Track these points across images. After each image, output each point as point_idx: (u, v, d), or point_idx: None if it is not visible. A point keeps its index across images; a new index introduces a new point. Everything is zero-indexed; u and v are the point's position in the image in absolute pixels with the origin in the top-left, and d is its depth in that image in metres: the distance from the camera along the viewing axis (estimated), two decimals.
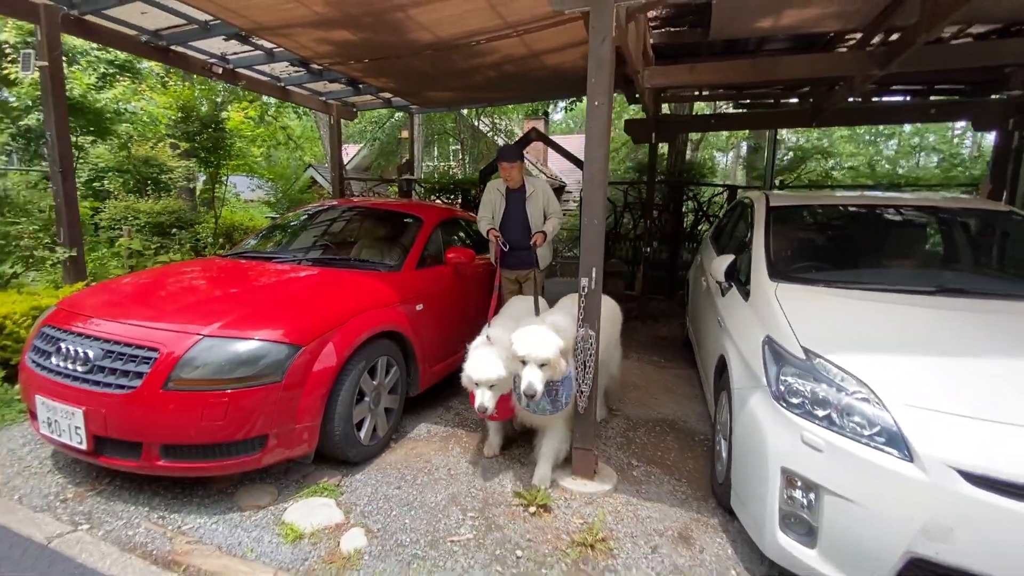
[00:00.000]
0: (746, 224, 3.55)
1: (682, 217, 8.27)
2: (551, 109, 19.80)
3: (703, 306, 3.88)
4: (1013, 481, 1.53)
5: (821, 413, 1.88)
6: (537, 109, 18.04)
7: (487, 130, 14.43)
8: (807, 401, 1.93)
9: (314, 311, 2.74)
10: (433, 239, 3.90)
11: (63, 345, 2.49)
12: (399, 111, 8.81)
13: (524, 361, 2.49)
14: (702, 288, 4.05)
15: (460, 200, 8.61)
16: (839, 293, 2.49)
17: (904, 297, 2.40)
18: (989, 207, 3.30)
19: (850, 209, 3.47)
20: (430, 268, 3.73)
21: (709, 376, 3.17)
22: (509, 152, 3.94)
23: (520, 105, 14.55)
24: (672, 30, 4.59)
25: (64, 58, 4.36)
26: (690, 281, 5.21)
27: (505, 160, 3.87)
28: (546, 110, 19.27)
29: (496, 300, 3.43)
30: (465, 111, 13.12)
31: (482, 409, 2.55)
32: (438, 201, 8.69)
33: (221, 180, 7.91)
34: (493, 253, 3.93)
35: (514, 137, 14.40)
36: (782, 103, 6.64)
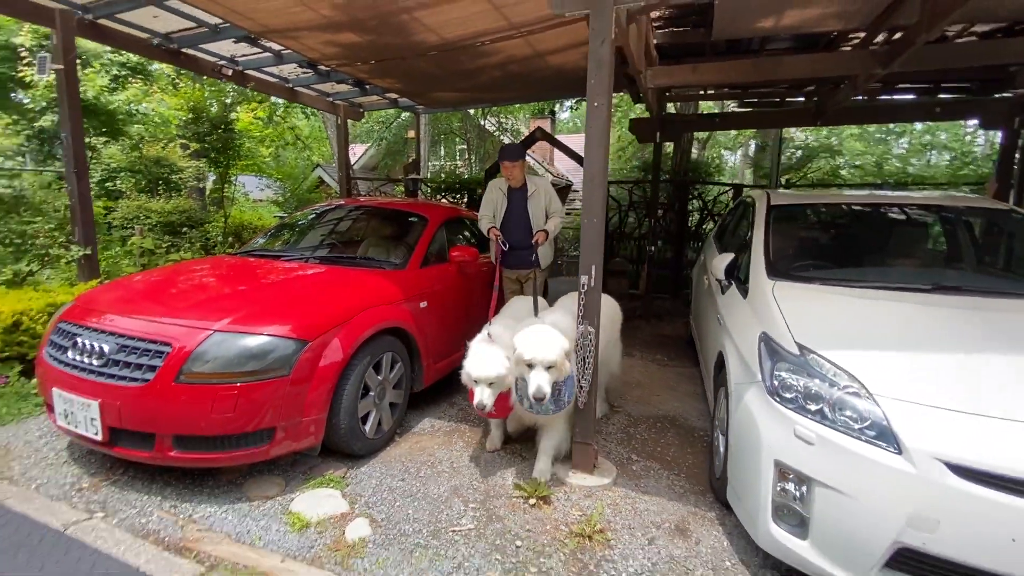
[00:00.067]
0: (747, 223, 3.56)
1: (687, 216, 8.28)
2: (558, 108, 19.74)
3: (705, 304, 3.91)
4: (998, 473, 1.57)
5: (813, 407, 1.92)
6: (543, 108, 18.02)
7: (493, 129, 14.46)
8: (800, 396, 1.97)
9: (321, 308, 2.81)
10: (437, 238, 3.96)
11: (79, 340, 2.58)
12: (405, 111, 8.88)
13: (530, 364, 2.48)
14: (704, 287, 4.08)
15: (466, 199, 8.65)
16: (836, 291, 2.52)
17: (900, 295, 2.43)
18: (989, 205, 3.31)
19: (850, 208, 3.49)
20: (434, 266, 3.79)
21: (709, 373, 3.20)
22: (511, 151, 3.94)
23: (527, 104, 14.55)
24: (675, 30, 4.62)
25: (78, 61, 4.45)
26: (694, 280, 5.23)
27: (507, 159, 3.87)
28: (553, 109, 19.21)
29: (496, 299, 3.44)
30: (471, 111, 13.16)
31: (481, 406, 2.56)
32: (444, 200, 8.75)
33: (230, 180, 8.03)
34: (493, 252, 3.95)
35: (520, 136, 14.43)
36: (787, 102, 6.64)
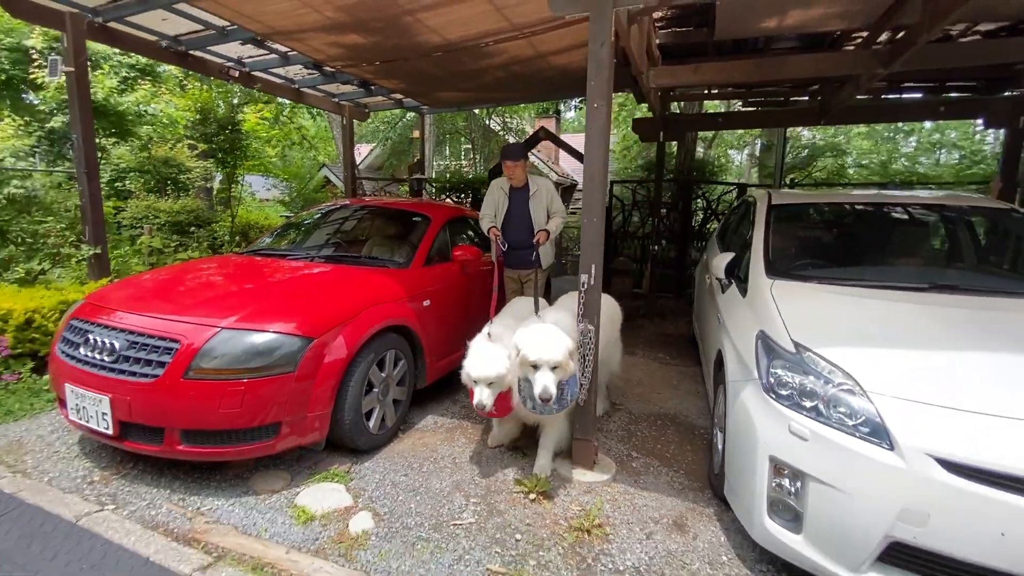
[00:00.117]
0: (749, 222, 3.58)
1: (691, 215, 8.29)
2: (563, 107, 19.77)
3: (706, 303, 3.93)
4: (987, 468, 1.59)
5: (808, 404, 1.95)
6: (548, 108, 18.06)
7: (498, 129, 14.49)
8: (795, 393, 2.00)
9: (325, 306, 2.86)
10: (440, 237, 4.00)
11: (91, 336, 2.64)
12: (410, 111, 8.93)
13: (535, 366, 2.44)
14: (706, 286, 4.10)
15: (470, 199, 8.70)
16: (834, 290, 2.55)
17: (897, 294, 2.45)
18: (989, 205, 3.31)
19: (850, 208, 3.50)
20: (437, 265, 3.84)
21: (709, 371, 3.23)
22: (513, 150, 3.93)
23: (531, 104, 14.57)
24: (678, 30, 4.64)
25: (88, 63, 4.53)
26: (696, 279, 5.25)
27: (509, 158, 3.86)
28: (558, 108, 19.24)
29: (496, 298, 3.42)
30: (476, 110, 13.20)
31: (480, 406, 2.55)
32: (449, 200, 8.80)
33: (237, 180, 8.11)
34: (493, 251, 3.93)
35: (525, 135, 14.45)
36: (792, 101, 6.63)
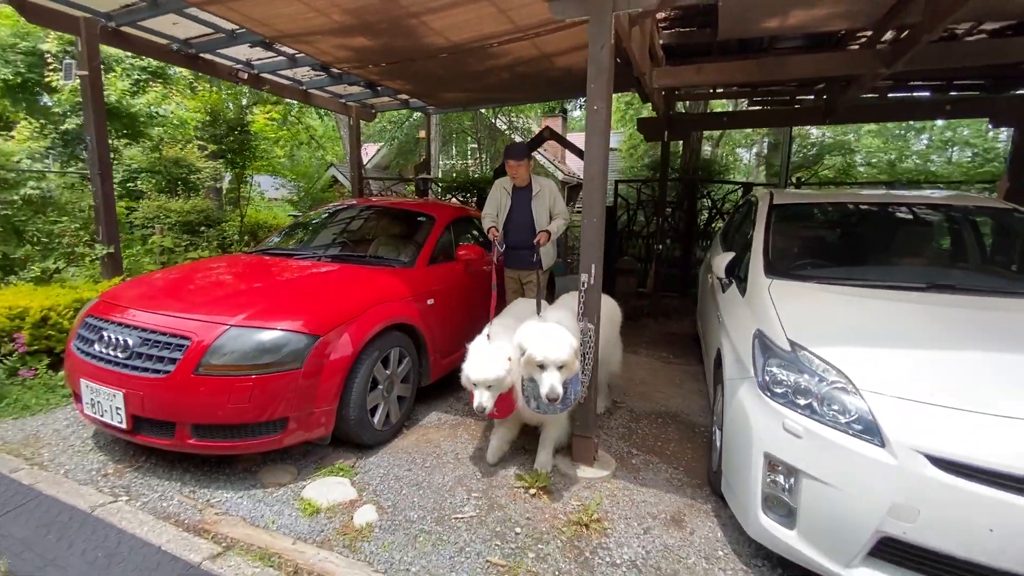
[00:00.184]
0: (751, 222, 3.60)
1: (696, 215, 8.29)
2: (570, 106, 19.72)
3: (709, 302, 3.96)
4: (975, 465, 1.62)
5: (802, 402, 1.98)
6: (555, 107, 18.03)
7: (504, 128, 14.53)
8: (790, 391, 2.03)
9: (331, 304, 2.93)
10: (444, 237, 4.06)
11: (105, 333, 2.72)
12: (416, 111, 9.00)
13: (542, 365, 2.43)
14: (709, 285, 4.12)
15: (475, 199, 8.76)
16: (831, 290, 2.57)
17: (895, 293, 2.47)
18: (991, 205, 3.30)
19: (850, 207, 3.51)
20: (441, 264, 3.90)
21: (710, 369, 3.26)
22: (516, 150, 3.93)
23: (538, 103, 14.57)
24: (682, 30, 4.65)
25: (101, 66, 4.63)
26: (700, 278, 5.27)
27: (512, 158, 3.86)
28: (564, 107, 19.19)
29: (495, 299, 3.29)
30: (482, 110, 13.24)
31: (480, 409, 2.52)
32: (454, 200, 8.85)
33: (246, 180, 8.24)
34: (494, 252, 3.81)
35: (531, 134, 14.47)
36: (798, 99, 6.62)
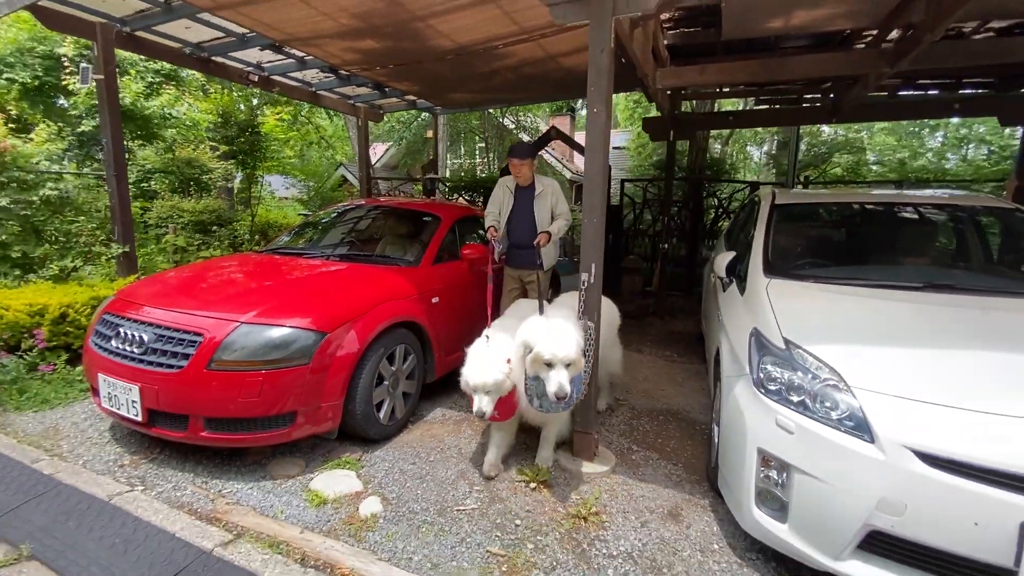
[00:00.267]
0: (753, 221, 3.63)
1: (702, 214, 8.29)
2: (578, 105, 19.67)
3: (711, 301, 3.99)
4: (961, 460, 1.65)
5: (795, 398, 2.02)
6: (562, 106, 18.04)
7: (512, 127, 14.57)
8: (783, 388, 2.07)
9: (339, 302, 3.01)
10: (450, 236, 4.14)
11: (122, 330, 2.83)
12: (424, 112, 9.08)
13: (549, 363, 2.38)
14: (711, 284, 4.15)
15: (482, 199, 8.83)
16: (829, 289, 2.60)
17: (892, 293, 2.49)
18: (993, 204, 3.30)
19: (851, 207, 3.52)
20: (446, 263, 3.97)
21: (711, 367, 3.30)
22: (520, 149, 3.91)
23: (546, 102, 14.60)
24: (686, 31, 4.68)
25: (116, 69, 4.76)
26: (705, 277, 5.29)
27: (516, 157, 3.84)
28: (572, 106, 19.17)
29: (492, 297, 3.26)
30: (490, 110, 13.30)
31: (480, 414, 2.49)
32: (461, 199, 8.93)
33: (257, 180, 8.38)
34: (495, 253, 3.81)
35: (539, 133, 14.51)
36: (805, 98, 6.61)
